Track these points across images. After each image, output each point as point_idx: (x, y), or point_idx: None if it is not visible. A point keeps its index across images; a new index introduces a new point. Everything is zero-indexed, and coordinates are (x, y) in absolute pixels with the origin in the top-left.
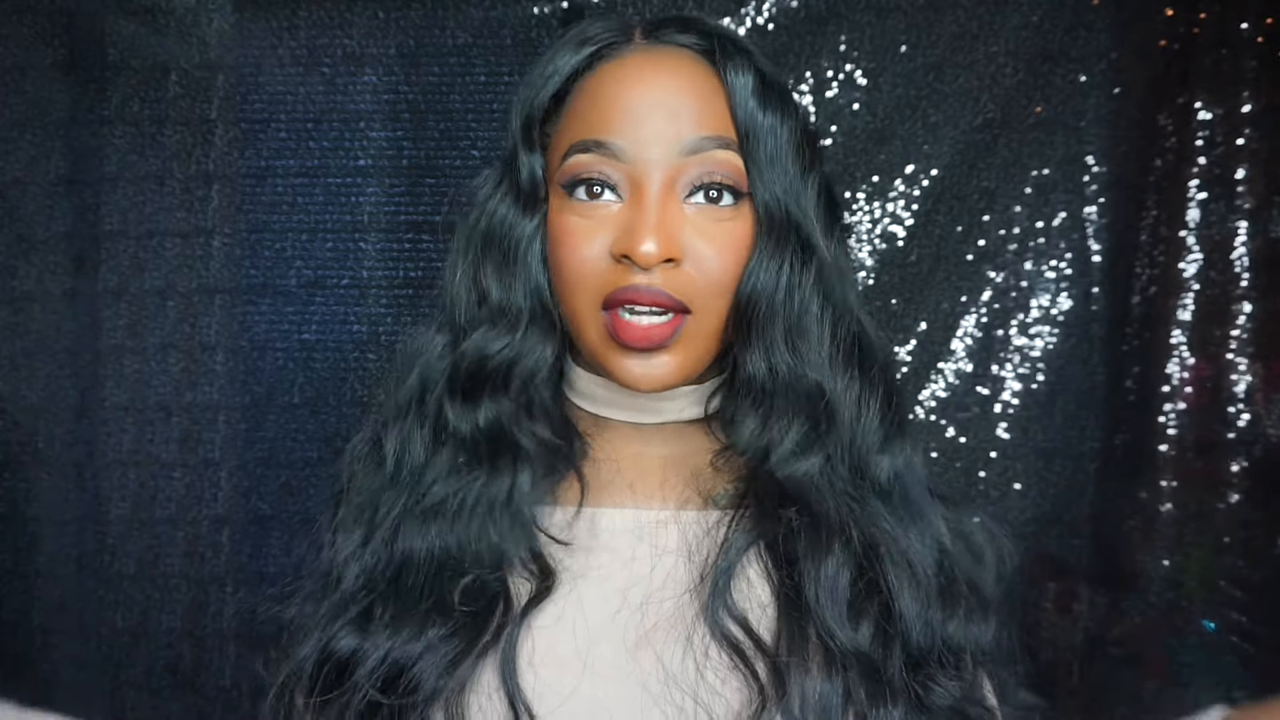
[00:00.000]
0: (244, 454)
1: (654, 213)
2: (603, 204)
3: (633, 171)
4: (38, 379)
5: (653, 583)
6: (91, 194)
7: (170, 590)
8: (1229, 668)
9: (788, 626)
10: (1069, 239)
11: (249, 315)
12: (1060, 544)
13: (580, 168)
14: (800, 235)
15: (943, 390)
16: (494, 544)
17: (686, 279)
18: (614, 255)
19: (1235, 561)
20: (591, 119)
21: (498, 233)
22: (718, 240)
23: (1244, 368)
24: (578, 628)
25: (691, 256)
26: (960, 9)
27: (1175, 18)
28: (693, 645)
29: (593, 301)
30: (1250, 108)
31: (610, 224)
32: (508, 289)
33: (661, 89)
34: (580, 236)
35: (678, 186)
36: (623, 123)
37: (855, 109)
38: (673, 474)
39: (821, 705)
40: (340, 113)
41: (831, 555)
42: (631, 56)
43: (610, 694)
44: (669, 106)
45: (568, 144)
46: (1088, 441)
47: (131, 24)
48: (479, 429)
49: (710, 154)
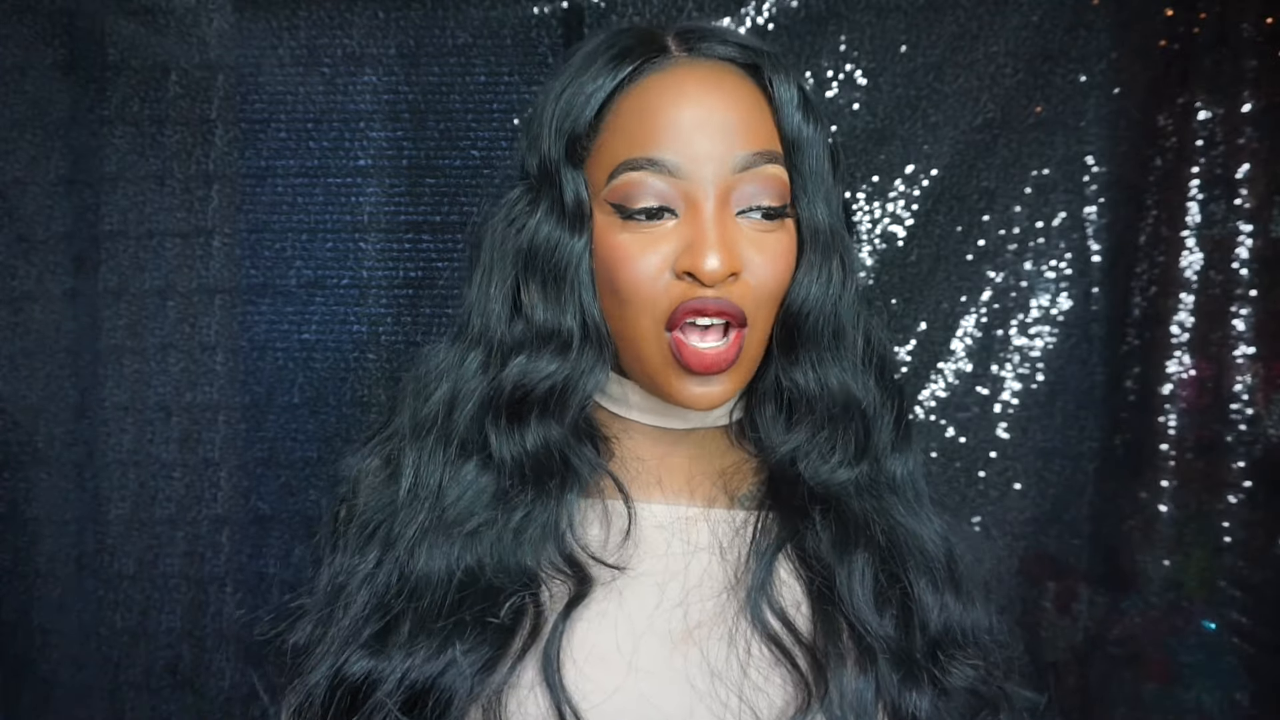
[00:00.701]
0: (244, 454)
1: (714, 229)
2: (658, 222)
3: (687, 188)
4: (38, 379)
5: (689, 579)
6: (91, 194)
7: (170, 590)
8: (1229, 668)
9: (823, 623)
10: (1069, 239)
11: (249, 315)
12: (1060, 544)
13: (634, 187)
14: (841, 247)
15: (943, 390)
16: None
17: (745, 290)
18: (677, 272)
19: (1235, 561)
20: (640, 136)
21: (542, 252)
22: (768, 252)
23: (1244, 368)
24: (619, 623)
25: (748, 269)
26: (960, 9)
27: (1175, 18)
28: (735, 643)
29: (656, 320)
30: (1250, 108)
31: (668, 240)
32: (557, 310)
33: (710, 105)
34: (638, 253)
35: (730, 202)
36: (674, 139)
37: (855, 109)
38: (699, 473)
39: (858, 700)
40: (340, 113)
41: (860, 551)
42: (675, 70)
43: (656, 690)
44: (718, 123)
45: (615, 161)
46: (1087, 441)
47: (131, 24)
48: (526, 453)
49: (761, 170)
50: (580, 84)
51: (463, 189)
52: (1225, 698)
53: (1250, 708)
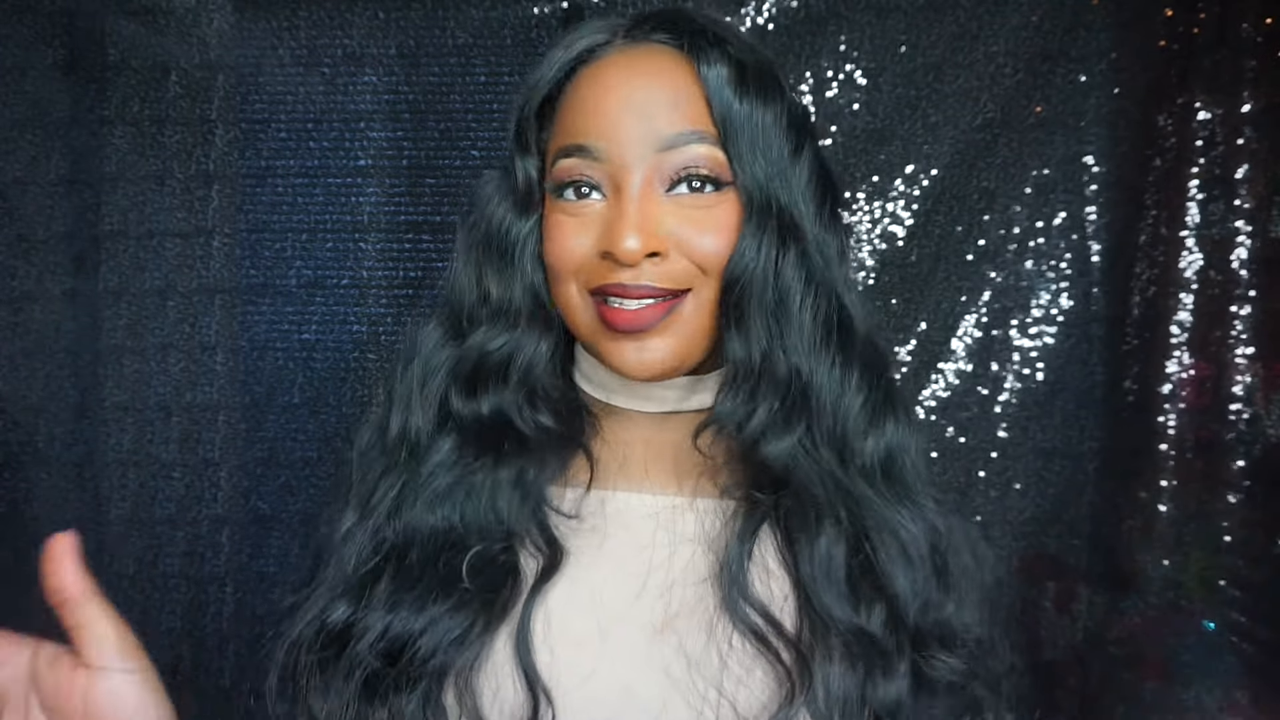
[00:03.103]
0: (244, 454)
1: (634, 210)
2: (588, 203)
3: (612, 171)
4: (38, 379)
5: (673, 570)
6: (91, 194)
7: (170, 590)
8: (1229, 668)
9: (809, 616)
10: (1069, 239)
11: (249, 315)
12: (1060, 544)
13: (564, 172)
14: (784, 218)
15: (943, 390)
16: (502, 518)
17: (676, 266)
18: (598, 253)
19: (1235, 561)
20: (573, 124)
21: (496, 235)
22: (702, 223)
23: (1244, 368)
24: (596, 608)
25: (679, 244)
26: (960, 9)
27: (1175, 18)
28: (715, 635)
29: (580, 289)
30: (1250, 108)
31: (596, 221)
32: (506, 288)
33: (634, 88)
34: (567, 233)
35: (656, 182)
36: (600, 125)
37: (855, 109)
38: (685, 462)
39: (843, 695)
40: (340, 113)
41: (823, 535)
42: (609, 58)
43: (632, 677)
44: (642, 105)
45: (556, 149)
46: (1087, 441)
47: (131, 24)
48: (482, 418)
49: (686, 149)
50: (534, 76)
51: (463, 189)
52: (1225, 697)
53: (1250, 707)
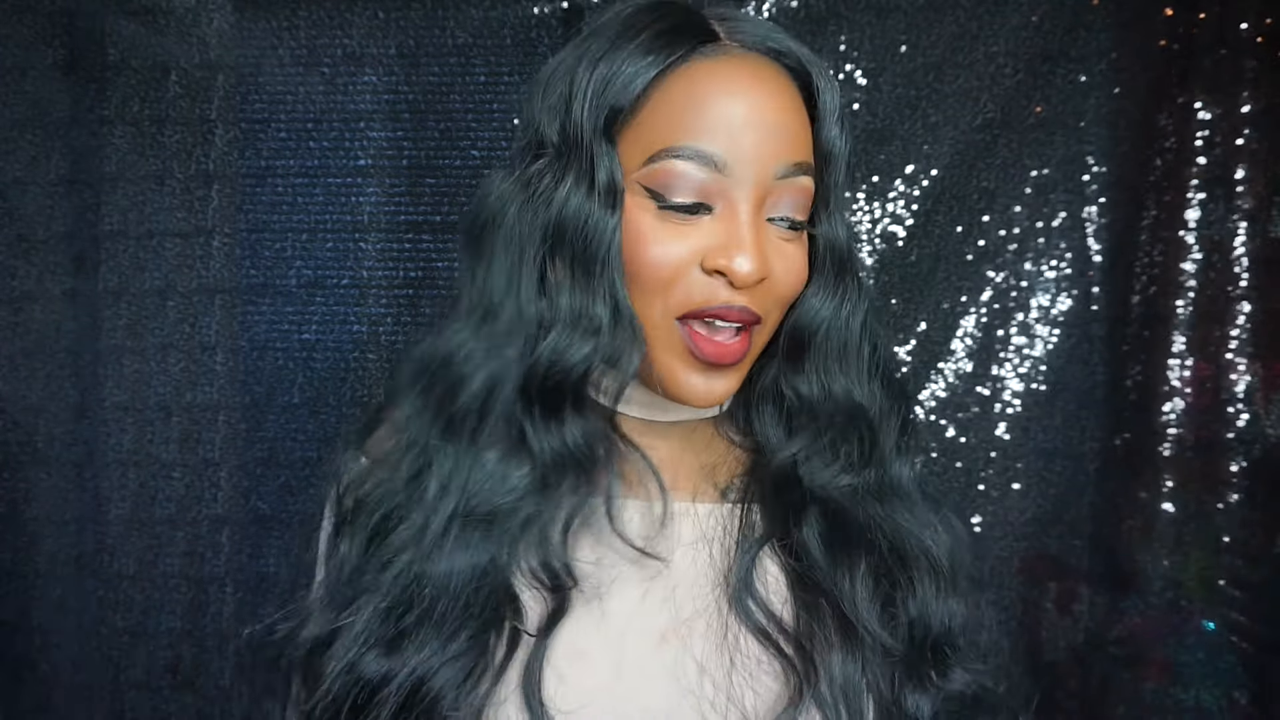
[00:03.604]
0: (244, 454)
1: (750, 231)
2: (693, 216)
3: (728, 186)
4: (38, 379)
5: (674, 576)
6: (91, 194)
7: (170, 590)
8: (1229, 668)
9: (807, 613)
10: (1069, 239)
11: (249, 315)
12: (1060, 544)
13: (674, 175)
14: (852, 265)
15: (943, 390)
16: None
17: (766, 296)
18: (706, 269)
19: (1235, 561)
20: (687, 123)
21: (572, 226)
22: (787, 260)
23: (1244, 368)
24: (602, 623)
25: (772, 274)
26: (960, 9)
27: (1175, 18)
28: (720, 638)
29: (668, 309)
30: (1250, 108)
31: (700, 234)
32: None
33: (762, 104)
34: (666, 240)
35: (765, 206)
36: (723, 133)
37: (855, 109)
38: (684, 467)
39: (848, 685)
40: (340, 113)
41: (862, 556)
42: (728, 61)
43: (640, 687)
44: (769, 124)
45: (655, 144)
46: (1088, 441)
47: (131, 24)
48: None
49: (796, 180)
50: (623, 57)
51: (463, 189)
52: (1225, 697)
53: (1250, 707)
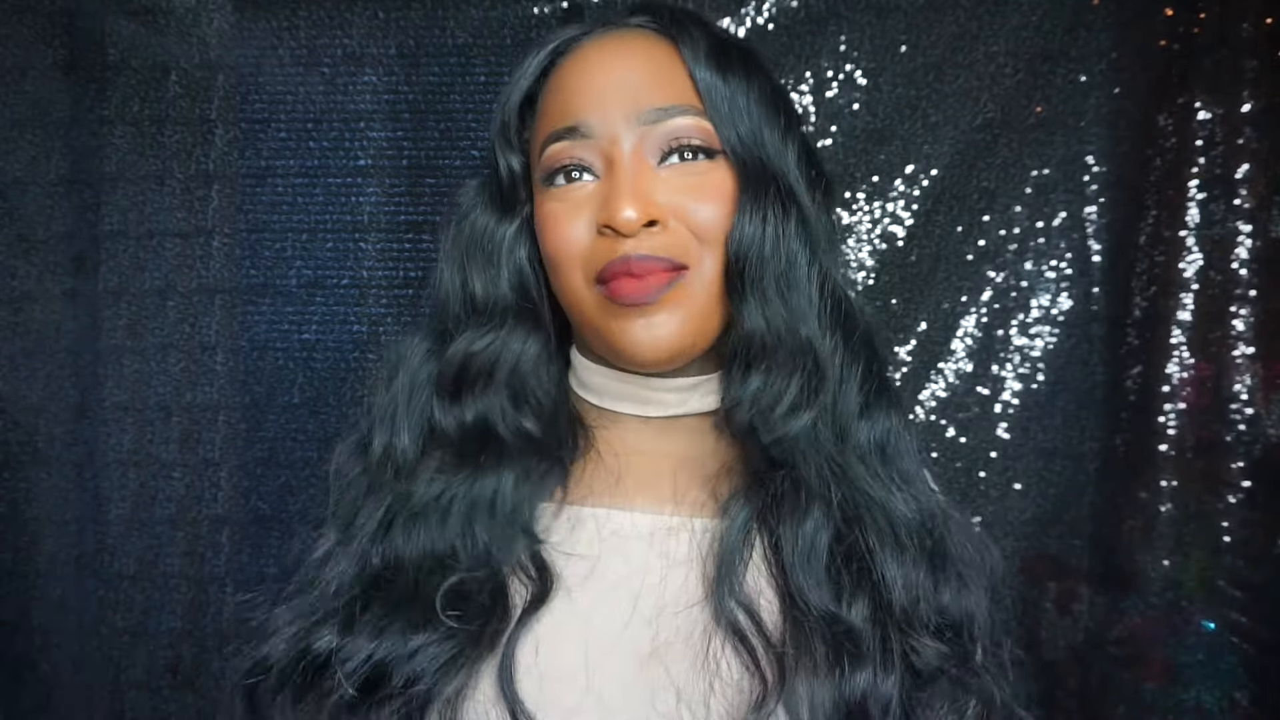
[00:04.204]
0: (244, 454)
1: (627, 180)
2: (580, 185)
3: (601, 147)
4: (38, 379)
5: (664, 595)
6: (91, 194)
7: (170, 590)
8: (1229, 668)
9: (793, 625)
10: (1069, 239)
11: (249, 315)
12: (1060, 544)
13: (554, 156)
14: (781, 186)
15: (943, 390)
16: (484, 546)
17: (676, 236)
18: (598, 229)
19: (1235, 562)
20: (557, 109)
21: (480, 239)
22: (697, 191)
23: (1244, 368)
24: (586, 637)
25: (677, 213)
26: (960, 9)
27: (1175, 18)
28: (703, 660)
29: (585, 278)
30: (1250, 108)
31: (590, 201)
32: (492, 289)
33: (617, 66)
34: (563, 218)
35: (646, 154)
36: (585, 103)
37: (855, 109)
38: (685, 476)
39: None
40: (340, 113)
41: (810, 518)
42: (588, 44)
43: (618, 709)
44: (626, 81)
45: (542, 138)
46: (1088, 441)
47: (131, 24)
48: (465, 426)
49: (672, 122)
50: (512, 72)
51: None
52: (1225, 698)
53: (1250, 707)
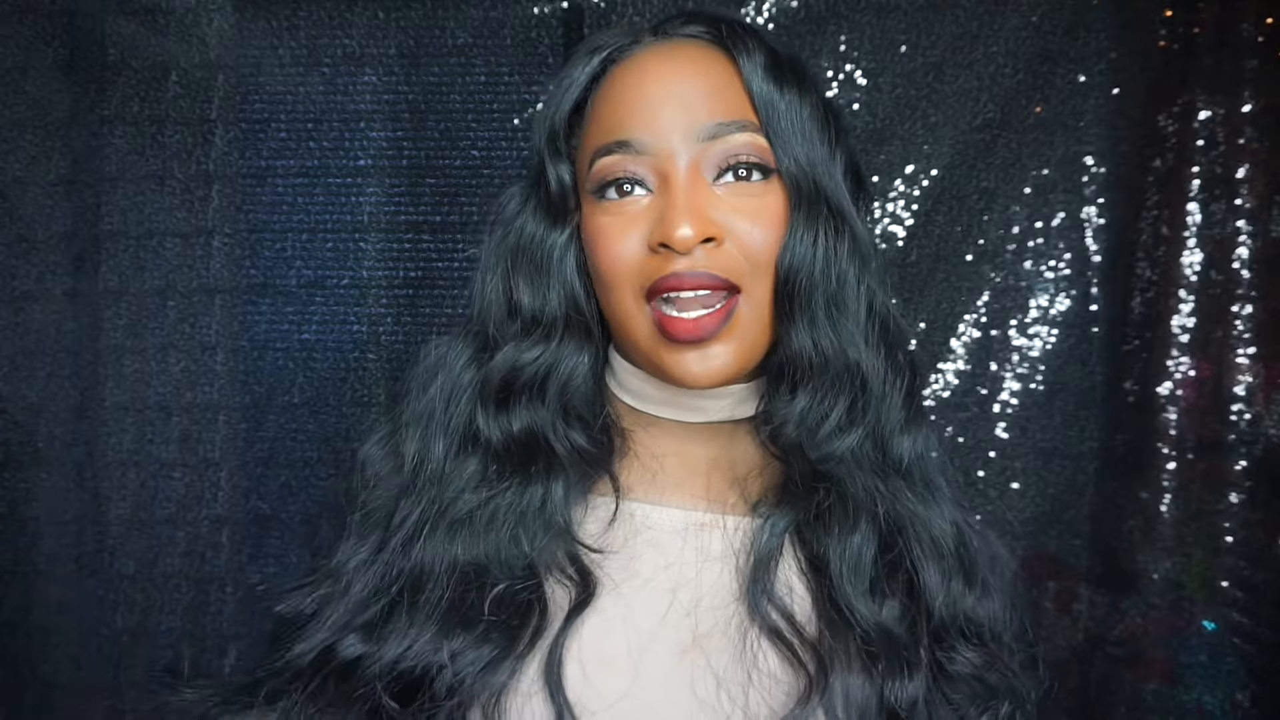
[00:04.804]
0: (244, 454)
1: (684, 197)
2: (633, 199)
3: (657, 163)
4: (38, 379)
5: (700, 587)
6: (91, 194)
7: (170, 590)
8: (1229, 668)
9: (830, 627)
10: (1069, 239)
11: (249, 315)
12: (1060, 544)
13: (606, 170)
14: (832, 205)
15: (942, 390)
16: (525, 550)
17: (729, 257)
18: (651, 246)
19: (1235, 562)
20: (610, 121)
21: (528, 247)
22: (752, 213)
23: (1244, 368)
24: (628, 629)
25: (731, 234)
26: (960, 9)
27: (1175, 18)
28: (741, 653)
29: (636, 296)
30: (1250, 108)
31: (643, 217)
32: (541, 299)
33: (673, 79)
34: (615, 234)
35: (703, 170)
36: (640, 118)
37: (855, 109)
38: (717, 476)
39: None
40: (340, 113)
41: (858, 531)
42: (641, 54)
43: (660, 698)
44: (682, 95)
45: (592, 151)
46: (1087, 441)
47: (131, 24)
48: (512, 436)
49: (731, 138)
50: (561, 80)
51: (463, 189)
52: (1226, 698)
53: (1251, 708)
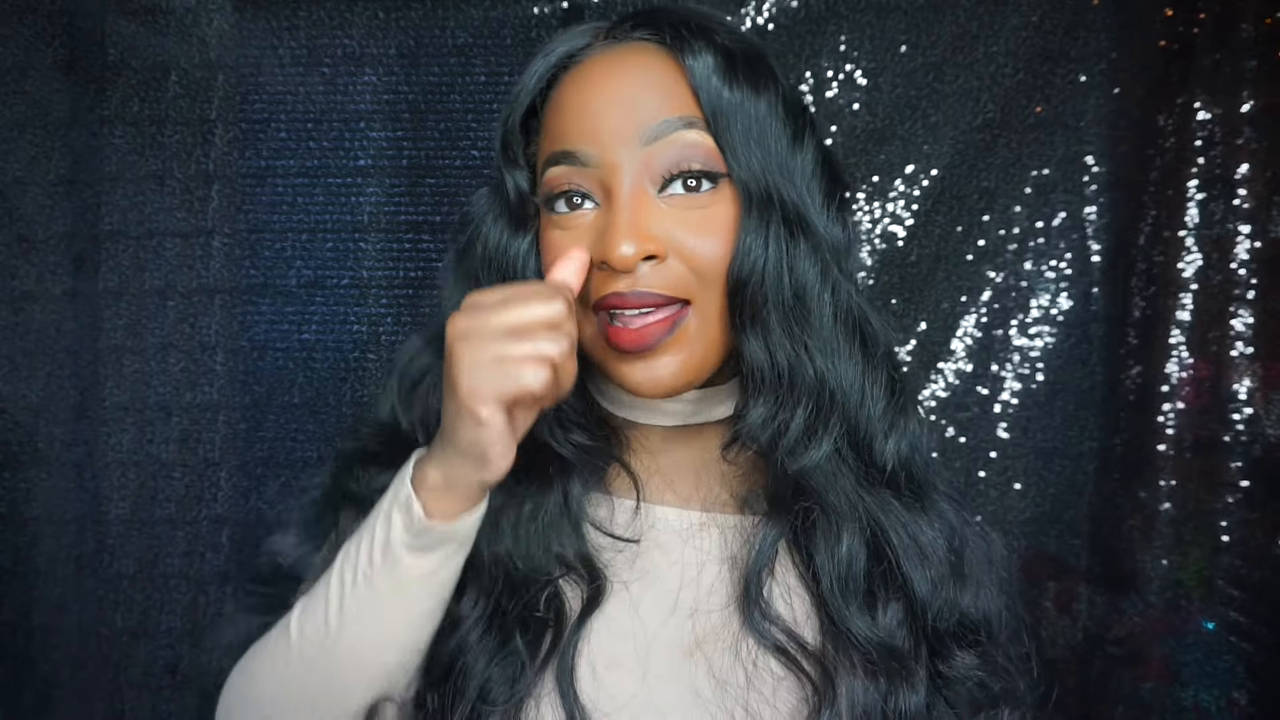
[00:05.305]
0: (244, 454)
1: (625, 213)
2: (581, 213)
3: (600, 175)
4: (38, 379)
5: (700, 589)
6: (91, 194)
7: (170, 590)
8: (1228, 668)
9: (831, 630)
10: (1069, 239)
11: (249, 315)
12: (1060, 544)
13: (554, 182)
14: (788, 211)
15: (943, 390)
16: (553, 549)
17: (674, 272)
18: (595, 263)
19: (1234, 561)
20: (557, 131)
21: (494, 256)
22: (698, 225)
23: (1244, 368)
24: (635, 628)
25: (676, 249)
26: (960, 9)
27: (1175, 18)
28: (741, 655)
29: (586, 308)
30: (1250, 108)
31: (589, 232)
32: None
33: (617, 85)
34: (562, 249)
35: (649, 180)
36: (583, 128)
37: (855, 109)
38: (705, 476)
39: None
40: (340, 113)
41: (843, 543)
42: (589, 62)
43: (668, 698)
44: (625, 100)
45: (544, 158)
46: (1087, 441)
47: (131, 24)
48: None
49: (676, 135)
50: (516, 87)
51: (463, 189)
52: (1224, 697)
53: (1249, 707)
